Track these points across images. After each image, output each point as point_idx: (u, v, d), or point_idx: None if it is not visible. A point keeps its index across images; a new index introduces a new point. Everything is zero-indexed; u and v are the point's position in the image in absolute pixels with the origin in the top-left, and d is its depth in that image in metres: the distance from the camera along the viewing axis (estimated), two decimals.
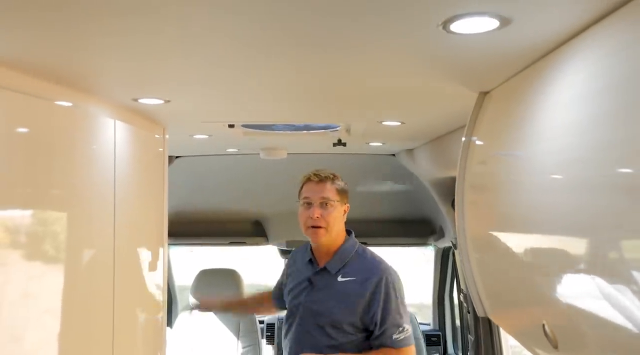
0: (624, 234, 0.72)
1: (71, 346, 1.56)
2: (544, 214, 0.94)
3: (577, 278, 0.83)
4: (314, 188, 2.11)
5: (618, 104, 0.75)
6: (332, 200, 2.08)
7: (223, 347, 3.66)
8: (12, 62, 1.25)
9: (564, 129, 0.90)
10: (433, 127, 2.31)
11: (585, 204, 0.79)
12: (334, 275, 2.11)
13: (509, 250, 1.13)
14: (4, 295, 1.28)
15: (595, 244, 0.79)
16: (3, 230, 1.29)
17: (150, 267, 2.18)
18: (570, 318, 0.87)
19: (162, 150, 2.30)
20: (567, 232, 0.86)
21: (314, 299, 2.13)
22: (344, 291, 2.07)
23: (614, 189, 0.73)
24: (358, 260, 2.14)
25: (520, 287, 1.10)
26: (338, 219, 2.12)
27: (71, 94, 1.55)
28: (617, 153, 0.74)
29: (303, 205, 2.13)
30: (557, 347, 0.90)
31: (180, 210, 3.86)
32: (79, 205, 1.61)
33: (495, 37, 0.96)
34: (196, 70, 1.38)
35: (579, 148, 0.84)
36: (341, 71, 1.35)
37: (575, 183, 0.83)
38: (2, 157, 1.26)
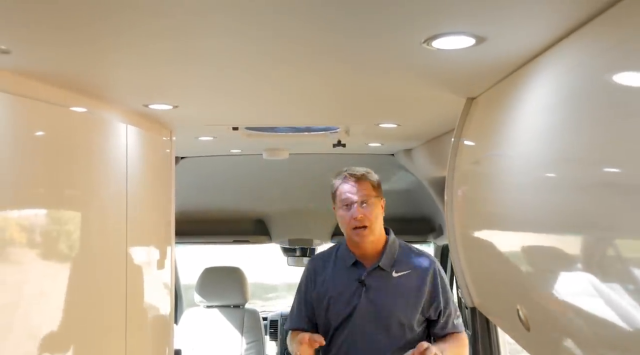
0: (584, 228, 0.82)
1: (86, 342, 1.61)
2: (518, 211, 1.04)
3: (545, 268, 0.93)
4: (352, 188, 2.03)
5: (575, 113, 0.85)
6: (371, 197, 2.02)
7: (228, 342, 3.71)
8: (31, 73, 1.33)
9: (536, 134, 1.00)
10: (428, 129, 2.39)
11: (551, 201, 0.89)
12: (389, 272, 2.04)
13: (490, 244, 1.23)
14: (21, 293, 1.32)
15: (560, 237, 0.88)
16: (20, 230, 1.33)
17: (159, 265, 2.21)
18: (540, 304, 0.97)
19: (169, 152, 2.36)
20: (538, 227, 0.96)
21: (373, 300, 2.04)
22: (404, 285, 2.03)
23: (575, 187, 0.83)
24: (405, 254, 2.09)
25: (499, 278, 1.20)
26: (379, 215, 2.06)
27: (86, 100, 1.63)
28: (577, 156, 0.84)
29: (342, 208, 2.05)
30: (529, 329, 1.01)
31: (185, 210, 3.90)
32: (94, 205, 1.67)
33: (473, 52, 1.06)
34: (202, 78, 1.46)
35: (546, 152, 0.94)
36: (339, 79, 1.45)
37: (545, 183, 0.93)
38: (20, 160, 1.32)
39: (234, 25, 1.02)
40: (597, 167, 0.78)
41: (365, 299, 2.02)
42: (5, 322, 1.25)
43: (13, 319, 1.29)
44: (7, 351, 1.26)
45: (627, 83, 0.74)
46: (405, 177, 3.92)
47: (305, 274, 2.23)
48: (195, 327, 3.77)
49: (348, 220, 2.02)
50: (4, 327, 1.25)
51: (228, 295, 3.85)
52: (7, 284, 1.26)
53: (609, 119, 0.75)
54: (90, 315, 1.63)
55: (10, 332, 1.27)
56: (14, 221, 1.31)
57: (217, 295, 3.84)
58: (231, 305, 3.87)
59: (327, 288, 2.11)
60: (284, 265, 4.60)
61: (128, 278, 1.85)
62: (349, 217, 2.02)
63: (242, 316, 3.82)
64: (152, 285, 2.16)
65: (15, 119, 1.30)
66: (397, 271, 2.04)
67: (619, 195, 0.70)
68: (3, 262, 1.24)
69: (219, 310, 3.82)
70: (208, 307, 3.85)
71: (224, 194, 4.07)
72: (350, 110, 2.02)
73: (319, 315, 2.12)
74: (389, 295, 2.02)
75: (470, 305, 1.51)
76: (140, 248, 2.02)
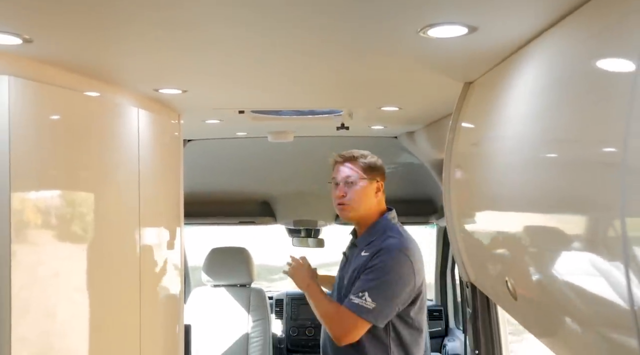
0: (565, 204, 0.89)
1: (101, 320, 1.65)
2: (507, 190, 1.11)
3: (530, 243, 1.00)
4: (339, 168, 2.18)
5: (560, 96, 0.91)
6: (356, 178, 2.12)
7: (235, 320, 3.77)
8: (50, 60, 1.39)
9: (526, 116, 1.07)
10: (429, 112, 2.44)
11: (536, 180, 0.96)
12: (360, 250, 2.11)
13: (484, 222, 1.31)
14: (36, 274, 1.36)
15: (544, 214, 0.96)
16: (35, 211, 1.36)
17: (169, 246, 2.26)
18: (525, 276, 1.05)
19: (177, 135, 2.40)
20: (525, 205, 1.03)
21: (343, 273, 2.19)
22: (357, 264, 2.08)
23: (555, 167, 0.90)
24: (382, 237, 2.08)
25: (491, 253, 1.27)
26: (365, 195, 2.12)
27: (100, 86, 1.68)
28: (559, 137, 0.90)
29: (332, 186, 2.20)
30: (516, 299, 1.08)
31: (192, 192, 3.96)
32: (108, 187, 1.71)
33: (467, 40, 1.13)
34: (210, 64, 1.52)
35: (533, 133, 1.01)
36: (341, 65, 1.50)
37: (530, 163, 1.00)
38: (38, 144, 1.36)
39: (240, 14, 1.08)
40: (579, 147, 0.85)
41: (341, 271, 2.22)
42: (23, 301, 1.29)
43: (30, 298, 1.32)
44: (25, 329, 1.30)
45: (606, 68, 0.80)
46: (409, 159, 3.94)
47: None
48: (203, 305, 3.84)
49: (334, 197, 2.19)
50: (22, 306, 1.28)
51: (234, 274, 3.92)
52: (24, 265, 1.29)
53: (589, 101, 0.82)
54: (106, 295, 1.68)
55: (27, 311, 1.31)
56: (31, 203, 1.34)
57: (224, 275, 3.91)
58: (238, 284, 3.95)
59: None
60: (289, 246, 4.67)
61: (141, 258, 1.90)
62: (334, 195, 2.18)
63: (249, 295, 3.88)
64: (164, 265, 2.19)
65: (35, 104, 1.35)
66: (365, 251, 2.07)
67: (596, 173, 0.77)
68: (20, 244, 1.28)
69: (226, 289, 3.89)
70: (215, 286, 3.92)
71: (230, 176, 4.12)
72: (353, 94, 2.06)
73: None
74: (350, 271, 2.11)
75: (466, 280, 1.59)
76: (152, 229, 2.06)
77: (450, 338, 4.21)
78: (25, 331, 1.30)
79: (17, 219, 1.26)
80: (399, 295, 1.97)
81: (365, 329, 1.97)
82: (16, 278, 1.26)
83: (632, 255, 0.64)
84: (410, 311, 2.05)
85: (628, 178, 0.63)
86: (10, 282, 1.25)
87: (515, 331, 7.63)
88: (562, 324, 0.92)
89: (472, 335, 3.11)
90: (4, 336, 1.25)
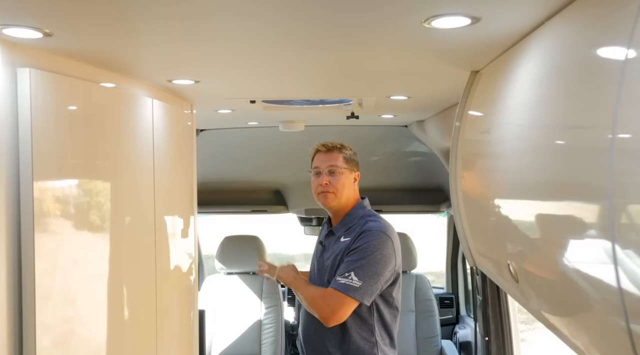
0: (565, 190, 0.92)
1: (118, 306, 1.69)
2: (509, 176, 1.14)
3: (530, 227, 1.04)
4: (322, 157, 2.24)
5: (556, 85, 0.94)
6: (340, 167, 2.21)
7: (248, 307, 3.82)
8: (68, 52, 1.44)
9: (526, 105, 1.10)
10: (438, 100, 2.47)
11: (534, 166, 0.99)
12: (338, 237, 2.21)
13: (487, 208, 1.34)
14: (57, 261, 1.39)
15: (543, 198, 0.99)
16: (55, 201, 1.39)
17: (183, 234, 2.30)
18: (527, 259, 1.08)
19: (190, 125, 2.44)
20: (525, 191, 1.06)
21: (321, 261, 2.26)
22: (337, 250, 2.16)
23: (554, 152, 0.93)
24: (360, 223, 2.17)
25: (494, 238, 1.31)
26: (347, 185, 2.22)
27: (115, 76, 1.72)
28: (557, 124, 0.94)
29: (314, 175, 2.27)
30: (518, 281, 1.12)
31: (205, 181, 3.99)
32: (124, 177, 1.73)
33: (470, 30, 1.16)
34: (222, 55, 1.55)
35: (534, 120, 1.04)
36: (350, 55, 1.54)
37: (529, 149, 1.03)
38: (56, 134, 1.39)
39: (250, 7, 1.11)
40: (575, 133, 0.88)
41: (319, 258, 2.28)
42: (45, 288, 1.32)
43: (51, 285, 1.36)
44: (47, 315, 1.34)
45: (603, 56, 0.83)
46: (419, 148, 3.96)
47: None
48: (216, 292, 3.89)
49: (316, 186, 2.25)
50: (44, 292, 1.32)
51: (247, 262, 3.96)
52: (45, 253, 1.32)
53: (586, 88, 0.85)
54: (123, 282, 1.72)
55: (49, 297, 1.34)
56: (51, 192, 1.37)
57: (237, 263, 3.96)
58: (250, 272, 4.00)
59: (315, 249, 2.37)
60: (301, 235, 4.71)
61: (156, 246, 1.93)
62: (316, 183, 2.24)
63: (261, 282, 3.91)
64: (178, 253, 2.24)
65: (54, 95, 1.39)
66: (344, 237, 2.17)
67: (591, 158, 0.80)
68: (41, 232, 1.31)
69: (239, 276, 3.93)
70: (228, 273, 3.98)
71: (242, 165, 4.16)
72: (361, 83, 2.09)
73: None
74: (329, 258, 2.19)
75: (471, 265, 1.62)
76: (167, 218, 2.10)
77: (461, 325, 4.24)
78: (47, 317, 1.34)
79: (37, 208, 1.30)
80: (383, 273, 2.04)
81: (352, 307, 2.02)
82: (38, 265, 1.30)
83: (620, 238, 0.67)
84: (392, 290, 2.13)
85: (618, 163, 0.66)
86: (34, 269, 1.29)
87: (527, 320, 7.64)
88: (561, 304, 0.96)
89: (482, 322, 3.15)
90: (29, 321, 1.29)
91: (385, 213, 4.36)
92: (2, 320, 1.25)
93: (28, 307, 1.29)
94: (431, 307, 3.88)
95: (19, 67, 1.28)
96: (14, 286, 1.28)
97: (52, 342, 1.36)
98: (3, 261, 1.25)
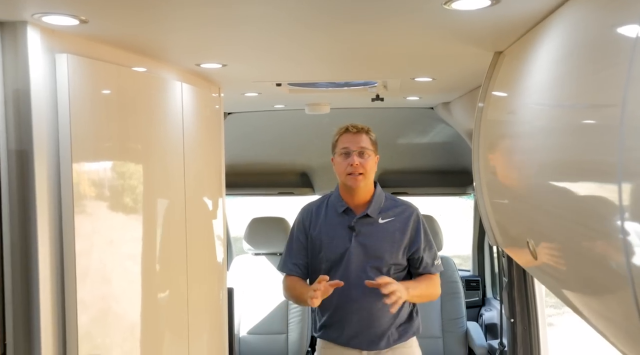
0: (579, 168, 0.94)
1: (151, 285, 1.74)
2: (528, 154, 1.16)
3: (549, 206, 1.06)
4: (352, 138, 2.24)
5: (574, 66, 0.96)
6: (369, 149, 2.24)
7: (275, 287, 3.91)
8: (101, 38, 1.49)
9: (547, 85, 1.11)
10: (463, 82, 2.46)
11: (552, 144, 1.01)
12: (376, 219, 2.26)
13: (508, 188, 1.36)
14: (93, 242, 1.44)
15: (562, 177, 1.01)
16: (91, 183, 1.44)
17: (212, 215, 2.34)
18: (546, 236, 1.11)
19: (218, 108, 2.47)
20: (544, 169, 1.08)
21: (363, 243, 2.23)
22: (389, 230, 2.25)
23: (572, 133, 0.95)
24: (389, 203, 2.32)
25: (515, 217, 1.33)
26: (373, 167, 2.28)
27: (146, 61, 1.77)
28: (577, 102, 0.95)
29: (341, 155, 2.25)
30: (536, 258, 1.15)
31: (232, 163, 4.06)
32: (156, 159, 1.78)
33: (491, 11, 1.17)
34: (248, 40, 1.59)
35: (553, 100, 1.06)
36: (373, 37, 1.56)
37: (547, 129, 1.05)
38: (92, 118, 1.44)
39: None
40: (598, 111, 0.89)
41: (356, 243, 2.22)
42: (84, 267, 1.38)
43: (89, 265, 1.42)
44: (85, 293, 1.40)
45: (613, 34, 0.84)
46: (445, 130, 3.95)
47: (297, 222, 2.40)
48: (245, 272, 3.97)
49: (345, 166, 2.23)
50: (83, 272, 1.38)
51: (274, 243, 4.03)
52: (82, 233, 1.38)
53: (600, 67, 0.86)
54: (155, 261, 1.77)
55: (87, 276, 1.40)
56: (88, 175, 1.43)
57: (264, 244, 4.03)
58: (277, 252, 4.07)
59: (320, 234, 2.29)
60: None
61: (187, 227, 1.98)
62: (346, 164, 2.23)
63: None
64: (207, 233, 2.29)
65: (90, 80, 1.45)
66: (383, 218, 2.26)
67: (605, 136, 0.82)
68: (79, 214, 1.36)
69: (266, 257, 4.00)
70: (256, 254, 4.08)
71: (269, 148, 4.19)
72: (386, 66, 2.10)
73: (313, 260, 2.31)
74: (377, 239, 2.24)
75: (494, 245, 1.65)
76: (197, 199, 2.14)
77: (487, 308, 4.24)
78: (86, 295, 1.40)
79: (76, 190, 1.36)
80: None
81: None
82: (77, 246, 1.36)
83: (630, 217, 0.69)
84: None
85: (629, 140, 0.68)
86: (74, 249, 1.35)
87: (555, 304, 7.54)
88: (576, 281, 0.98)
89: (507, 304, 3.15)
90: (71, 299, 1.36)
91: (411, 195, 4.37)
92: (46, 299, 1.31)
93: (70, 285, 1.36)
94: (456, 288, 3.90)
95: (57, 53, 1.34)
96: (57, 266, 1.34)
97: (90, 318, 1.42)
98: (46, 241, 1.31)
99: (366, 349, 2.28)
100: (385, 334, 2.27)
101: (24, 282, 1.29)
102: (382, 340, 2.27)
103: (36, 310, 1.29)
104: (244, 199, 6.83)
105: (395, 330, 2.28)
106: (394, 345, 2.29)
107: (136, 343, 1.66)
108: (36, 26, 1.28)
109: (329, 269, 2.25)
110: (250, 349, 3.91)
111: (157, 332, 1.79)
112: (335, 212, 2.30)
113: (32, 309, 1.29)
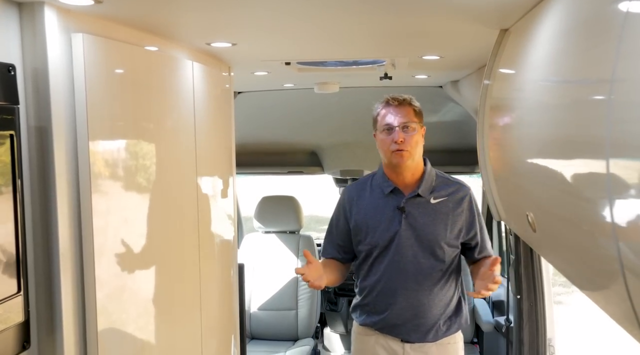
0: (573, 144, 0.96)
1: (165, 263, 1.77)
2: (528, 130, 1.19)
3: (547, 181, 1.10)
4: (394, 111, 2.03)
5: (570, 42, 0.98)
6: (413, 123, 2.03)
7: (284, 265, 3.97)
8: (114, 17, 1.52)
9: (549, 60, 1.14)
10: (470, 60, 2.47)
11: (549, 121, 1.04)
12: (427, 199, 2.08)
13: (510, 164, 1.40)
14: (108, 220, 1.46)
15: (557, 152, 1.04)
16: (105, 162, 1.46)
17: (223, 194, 2.34)
18: (543, 209, 1.14)
19: (228, 87, 2.49)
20: (542, 144, 1.11)
21: (414, 225, 2.07)
22: (442, 211, 2.08)
23: (566, 107, 0.98)
24: (441, 182, 2.13)
25: (516, 191, 1.37)
26: (420, 142, 2.07)
27: (157, 40, 1.79)
28: (572, 80, 0.98)
29: (383, 132, 2.05)
30: (535, 231, 1.19)
31: (242, 142, 4.11)
32: (168, 138, 1.80)
33: None
34: (258, 18, 1.61)
35: (553, 76, 1.09)
36: (381, 15, 1.57)
37: (546, 104, 1.08)
38: (107, 97, 1.46)
39: None
40: (589, 87, 0.91)
41: (406, 225, 2.06)
42: (99, 246, 1.41)
43: (105, 243, 1.44)
44: (102, 271, 1.43)
45: (609, 9, 0.86)
46: (454, 108, 3.93)
47: (340, 203, 2.23)
48: (255, 250, 4.05)
49: (389, 143, 2.03)
50: (99, 249, 1.41)
51: (284, 221, 4.10)
52: (98, 212, 1.40)
53: (594, 43, 0.88)
54: (168, 239, 1.80)
55: (102, 254, 1.43)
56: (103, 154, 1.45)
57: (274, 222, 4.10)
58: (287, 231, 4.14)
59: (366, 216, 2.12)
60: (337, 197, 4.79)
61: (199, 206, 2.00)
62: (390, 141, 2.03)
63: (298, 241, 4.05)
64: (219, 212, 2.29)
65: (104, 59, 1.48)
66: (435, 198, 2.08)
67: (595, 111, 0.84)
68: (94, 193, 1.39)
69: (276, 235, 4.08)
70: (266, 232, 4.15)
71: (278, 127, 4.21)
72: (393, 44, 2.10)
73: (358, 243, 2.15)
74: (429, 220, 2.07)
75: (497, 219, 1.69)
76: (208, 178, 2.14)
77: None
78: (102, 272, 1.43)
79: (92, 169, 1.38)
80: None
81: None
82: (94, 224, 1.39)
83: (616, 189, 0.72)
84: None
85: (616, 114, 0.71)
86: (92, 227, 1.38)
87: (564, 283, 7.56)
88: (570, 252, 1.02)
89: (514, 281, 3.20)
90: (90, 276, 1.39)
91: None
92: (67, 276, 1.35)
93: (88, 262, 1.39)
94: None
95: (73, 32, 1.37)
96: (75, 243, 1.38)
97: (106, 295, 1.45)
98: (65, 219, 1.34)
99: (410, 340, 2.12)
100: (433, 326, 2.11)
101: (46, 259, 1.33)
102: (430, 332, 2.11)
103: (57, 286, 1.33)
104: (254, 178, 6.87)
105: (444, 322, 2.13)
106: (441, 340, 2.13)
107: (150, 319, 1.70)
108: (53, 6, 1.31)
109: (378, 255, 2.11)
110: (261, 324, 3.99)
111: (170, 308, 1.83)
112: (382, 193, 2.12)
113: (54, 284, 1.33)
